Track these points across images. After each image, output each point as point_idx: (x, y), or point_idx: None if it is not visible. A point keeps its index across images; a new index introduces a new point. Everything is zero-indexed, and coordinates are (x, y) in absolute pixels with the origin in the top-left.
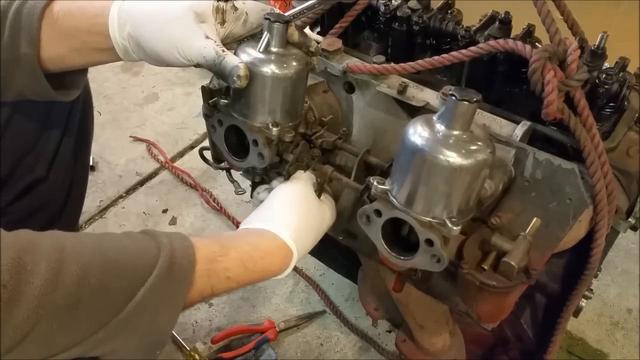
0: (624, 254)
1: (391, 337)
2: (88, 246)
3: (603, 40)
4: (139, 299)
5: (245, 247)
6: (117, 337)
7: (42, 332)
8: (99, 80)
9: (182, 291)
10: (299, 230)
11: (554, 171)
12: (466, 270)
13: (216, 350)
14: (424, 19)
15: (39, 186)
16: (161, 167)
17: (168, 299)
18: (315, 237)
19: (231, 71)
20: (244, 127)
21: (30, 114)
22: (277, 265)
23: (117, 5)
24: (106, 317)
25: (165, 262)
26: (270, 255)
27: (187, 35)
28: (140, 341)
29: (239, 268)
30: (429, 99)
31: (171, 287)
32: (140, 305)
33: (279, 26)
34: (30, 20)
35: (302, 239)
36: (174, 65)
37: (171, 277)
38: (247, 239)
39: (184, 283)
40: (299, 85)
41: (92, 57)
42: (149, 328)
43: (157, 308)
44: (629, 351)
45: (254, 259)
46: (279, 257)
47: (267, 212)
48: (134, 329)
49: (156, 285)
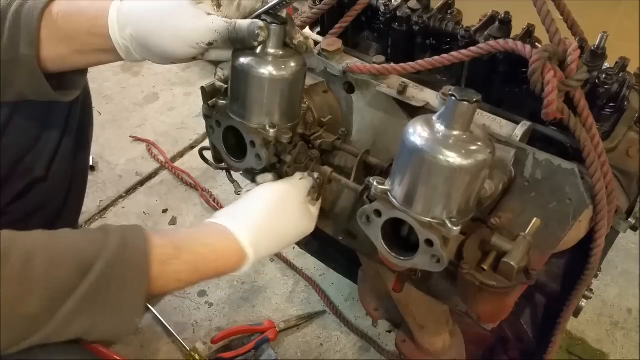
0: (624, 254)
1: (391, 337)
2: (36, 236)
3: (603, 40)
4: (93, 278)
5: (200, 249)
6: (84, 314)
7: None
8: (99, 80)
9: (141, 267)
10: (262, 234)
11: (554, 171)
12: (466, 271)
13: (216, 350)
14: (423, 19)
15: (38, 186)
16: (161, 167)
17: (128, 276)
18: (281, 243)
19: (249, 28)
20: (242, 128)
21: (30, 114)
22: (230, 267)
23: (115, 6)
24: (61, 297)
25: (116, 244)
26: (224, 258)
27: (190, 19)
28: (112, 316)
29: (190, 271)
30: (429, 99)
31: (127, 264)
32: (97, 282)
33: (275, 27)
34: (29, 21)
35: (264, 243)
36: (182, 58)
37: (125, 258)
38: (204, 240)
39: (140, 262)
40: (296, 86)
41: (93, 57)
42: (118, 302)
43: (119, 285)
44: (629, 351)
45: (207, 261)
46: (232, 259)
47: (236, 209)
48: (101, 305)
49: (112, 261)
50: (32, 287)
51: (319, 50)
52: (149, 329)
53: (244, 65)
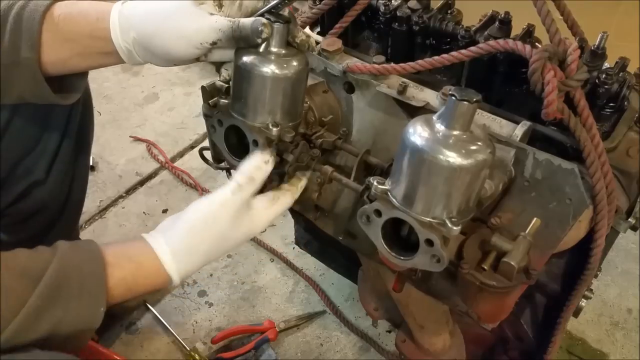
0: (624, 254)
1: (391, 337)
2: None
3: (603, 40)
4: (51, 273)
5: (129, 265)
6: (50, 309)
7: None
8: (99, 80)
9: (95, 255)
10: (186, 254)
11: (554, 171)
12: (466, 270)
13: (216, 350)
14: (423, 19)
15: (39, 188)
16: (161, 167)
17: (84, 267)
18: (211, 256)
19: (252, 25)
20: (244, 127)
21: (30, 117)
22: (158, 285)
23: (116, 8)
24: (23, 296)
25: (67, 248)
26: (151, 277)
27: (193, 19)
28: (77, 307)
29: (121, 288)
30: (429, 99)
31: (81, 257)
32: (56, 276)
33: (279, 26)
34: (30, 24)
35: (190, 263)
36: (186, 59)
37: (78, 255)
38: (133, 257)
39: (93, 252)
40: (299, 85)
41: (95, 60)
42: (79, 292)
43: (77, 275)
44: (629, 351)
45: (137, 279)
46: (158, 280)
47: (171, 223)
48: (65, 299)
49: (66, 258)
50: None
51: (319, 50)
52: (149, 329)
53: (246, 64)
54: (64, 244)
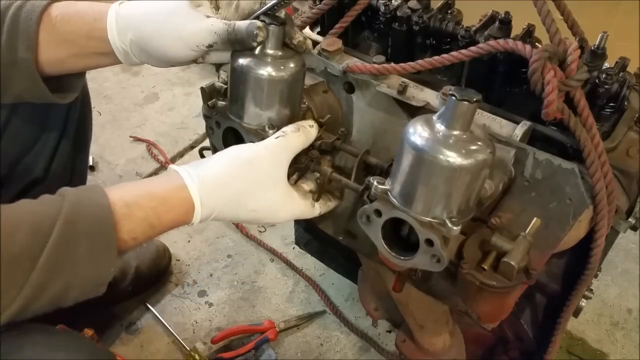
0: (624, 254)
1: (391, 337)
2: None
3: (603, 40)
4: (56, 236)
5: (151, 202)
6: (57, 275)
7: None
8: (99, 80)
9: (104, 213)
10: (214, 185)
11: (554, 171)
12: (466, 270)
13: (216, 350)
14: (424, 19)
15: (37, 187)
16: (161, 167)
17: (94, 227)
18: (240, 205)
19: (248, 29)
20: (241, 129)
21: (28, 116)
22: (182, 218)
23: (114, 9)
24: (24, 265)
25: (74, 199)
26: (175, 209)
27: (190, 22)
28: (87, 269)
29: (144, 227)
30: (429, 99)
31: (89, 214)
32: (61, 239)
33: (274, 28)
34: (27, 24)
35: (215, 195)
36: (182, 61)
37: (86, 210)
38: (153, 191)
39: (103, 206)
40: (295, 86)
41: (92, 61)
42: (89, 253)
43: (87, 235)
44: (629, 351)
45: (159, 215)
46: (182, 209)
47: (201, 161)
48: (72, 260)
49: (73, 216)
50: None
51: (319, 50)
52: (149, 329)
53: (242, 66)
54: (70, 193)
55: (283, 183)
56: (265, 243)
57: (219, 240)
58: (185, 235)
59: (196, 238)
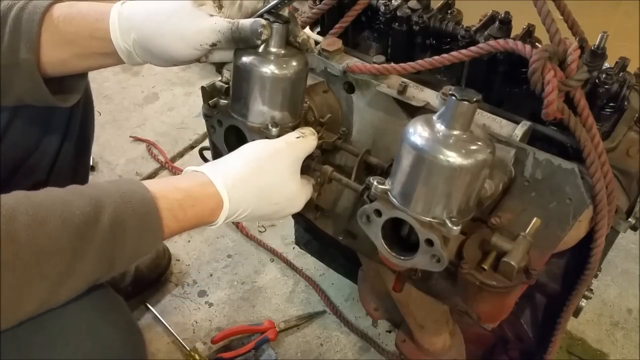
0: (624, 254)
1: (391, 337)
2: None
3: (603, 40)
4: (106, 224)
5: (176, 194)
6: (102, 260)
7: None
8: (99, 80)
9: (149, 203)
10: (239, 181)
11: (554, 171)
12: (466, 270)
13: (216, 350)
14: (424, 19)
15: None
16: (161, 167)
17: (142, 217)
18: (262, 200)
19: (252, 27)
20: (244, 127)
21: (30, 119)
22: (206, 214)
23: (116, 9)
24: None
25: (119, 191)
26: (201, 203)
27: (193, 21)
28: (134, 245)
29: (169, 219)
30: (429, 99)
31: (136, 205)
32: (110, 229)
33: (278, 27)
34: (29, 25)
35: (240, 191)
36: (185, 60)
37: (132, 200)
38: (179, 185)
39: (146, 196)
40: (298, 85)
41: (94, 61)
42: (135, 244)
43: (134, 226)
44: (629, 351)
45: (184, 208)
46: (208, 205)
47: (220, 160)
48: (119, 248)
49: (121, 206)
50: (18, 251)
51: (319, 50)
52: (149, 329)
53: (246, 64)
54: (109, 191)
55: (298, 175)
56: (265, 243)
57: (219, 240)
58: (185, 235)
59: (196, 238)
